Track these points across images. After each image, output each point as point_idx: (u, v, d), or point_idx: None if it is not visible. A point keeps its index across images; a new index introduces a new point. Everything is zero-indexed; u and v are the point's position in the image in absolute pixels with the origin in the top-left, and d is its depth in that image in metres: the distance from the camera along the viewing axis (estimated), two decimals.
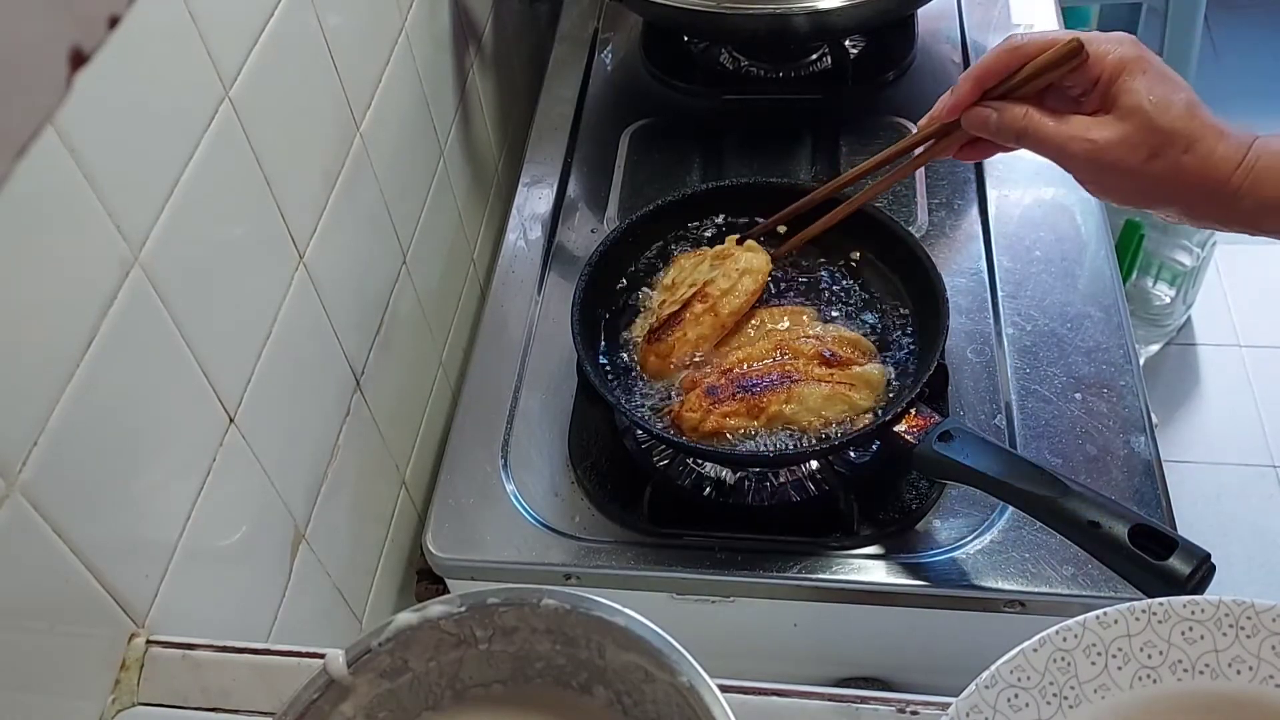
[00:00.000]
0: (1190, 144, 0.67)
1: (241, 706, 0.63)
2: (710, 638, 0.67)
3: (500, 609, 0.54)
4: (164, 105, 0.65)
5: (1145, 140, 0.68)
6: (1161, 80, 0.69)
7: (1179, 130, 0.68)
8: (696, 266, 0.92)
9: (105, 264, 0.60)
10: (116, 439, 0.61)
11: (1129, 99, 0.69)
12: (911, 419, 0.79)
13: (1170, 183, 0.69)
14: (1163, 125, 0.68)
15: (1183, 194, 0.69)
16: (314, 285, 0.84)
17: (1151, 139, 0.68)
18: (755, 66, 1.24)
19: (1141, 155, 0.68)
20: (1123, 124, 0.69)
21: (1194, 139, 0.68)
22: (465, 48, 1.17)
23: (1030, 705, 0.52)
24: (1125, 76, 0.69)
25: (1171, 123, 0.68)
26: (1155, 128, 0.68)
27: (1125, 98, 0.69)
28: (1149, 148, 0.68)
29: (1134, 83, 0.69)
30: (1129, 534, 0.67)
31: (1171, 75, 0.70)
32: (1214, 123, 0.69)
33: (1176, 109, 0.68)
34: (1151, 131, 0.68)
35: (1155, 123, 0.68)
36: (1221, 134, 0.68)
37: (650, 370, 0.88)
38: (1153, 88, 0.69)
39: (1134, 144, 0.68)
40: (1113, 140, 0.69)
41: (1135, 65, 0.69)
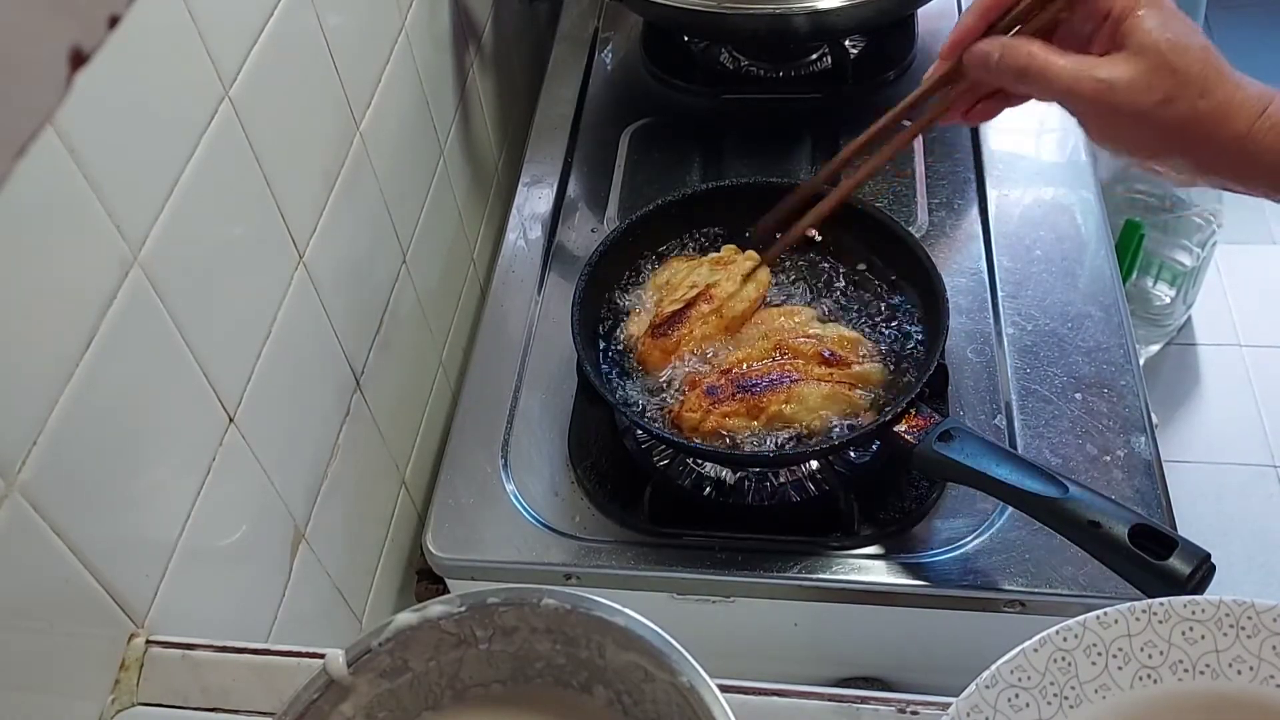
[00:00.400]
0: (1206, 89, 0.63)
1: (241, 706, 0.63)
2: (710, 638, 0.67)
3: (500, 609, 0.54)
4: (164, 105, 0.65)
5: (1159, 81, 0.63)
6: (1177, 20, 0.64)
7: (1195, 73, 0.63)
8: (694, 269, 0.92)
9: (105, 264, 0.60)
10: (116, 439, 0.61)
11: (1143, 36, 0.64)
12: (911, 419, 0.79)
13: (1184, 130, 0.64)
14: (1179, 66, 0.63)
15: (1197, 144, 0.64)
16: (314, 285, 0.84)
17: (1166, 80, 0.63)
18: (755, 66, 1.24)
19: (1155, 97, 0.63)
20: (1136, 62, 0.64)
21: (1211, 84, 0.63)
22: (465, 48, 1.17)
23: (1031, 705, 0.52)
24: (1138, 12, 0.64)
25: (1188, 64, 0.63)
26: (1171, 68, 0.63)
27: (1139, 35, 0.64)
28: (1163, 90, 0.63)
29: (1148, 20, 0.64)
30: (1129, 534, 0.67)
31: (1186, 18, 0.65)
32: (1231, 71, 0.64)
33: (1194, 51, 0.63)
34: (1167, 72, 0.63)
35: (1171, 63, 0.63)
36: (1239, 83, 0.63)
37: (650, 364, 0.88)
38: (1168, 25, 0.64)
39: (1147, 85, 0.63)
40: (1125, 79, 0.64)
41: (1149, 1, 0.65)
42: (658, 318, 0.89)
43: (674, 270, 0.93)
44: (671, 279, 0.92)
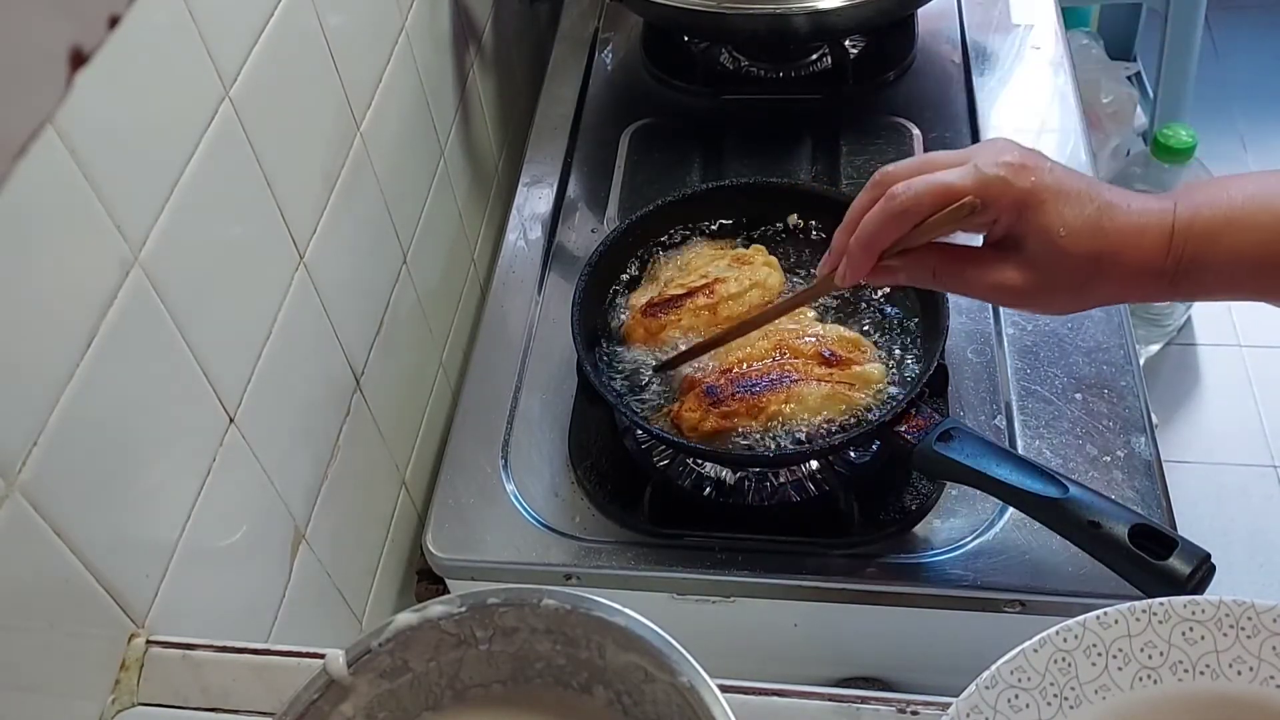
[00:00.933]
0: (1116, 256, 0.64)
1: (241, 706, 0.63)
2: (710, 638, 0.67)
3: (500, 609, 0.54)
4: (164, 105, 0.65)
5: (1067, 272, 0.65)
6: (1064, 201, 0.64)
7: (1100, 250, 0.64)
8: (713, 260, 0.92)
9: (105, 264, 0.60)
10: (116, 439, 0.61)
11: (1039, 238, 0.64)
12: (911, 419, 0.79)
13: (1107, 295, 0.67)
14: (1081, 253, 0.64)
15: (1123, 296, 0.68)
16: (314, 285, 0.84)
17: (1073, 270, 0.64)
18: (755, 66, 1.24)
19: (1067, 285, 0.65)
20: (1038, 263, 0.65)
21: (1119, 250, 0.64)
22: (465, 48, 1.17)
23: (1031, 706, 0.52)
24: (1027, 213, 0.64)
25: (1089, 247, 0.63)
26: (1074, 258, 0.64)
27: (1035, 237, 0.64)
28: (1072, 278, 0.65)
29: (1039, 218, 0.64)
30: (1129, 534, 0.67)
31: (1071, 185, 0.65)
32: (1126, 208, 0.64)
33: (1087, 229, 0.63)
34: (1071, 263, 0.64)
35: (1072, 254, 0.64)
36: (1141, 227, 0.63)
37: (634, 338, 0.89)
38: (1060, 217, 0.63)
39: (1055, 279, 0.65)
40: (1033, 281, 0.65)
41: (1033, 197, 0.64)
42: (658, 296, 0.89)
43: (698, 254, 0.93)
44: (692, 262, 0.93)
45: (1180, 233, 0.63)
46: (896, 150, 1.11)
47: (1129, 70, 2.08)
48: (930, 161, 0.68)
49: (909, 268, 0.69)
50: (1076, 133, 1.12)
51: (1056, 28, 1.23)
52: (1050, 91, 1.17)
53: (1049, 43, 1.21)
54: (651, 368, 0.87)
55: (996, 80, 1.18)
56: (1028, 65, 1.20)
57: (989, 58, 1.21)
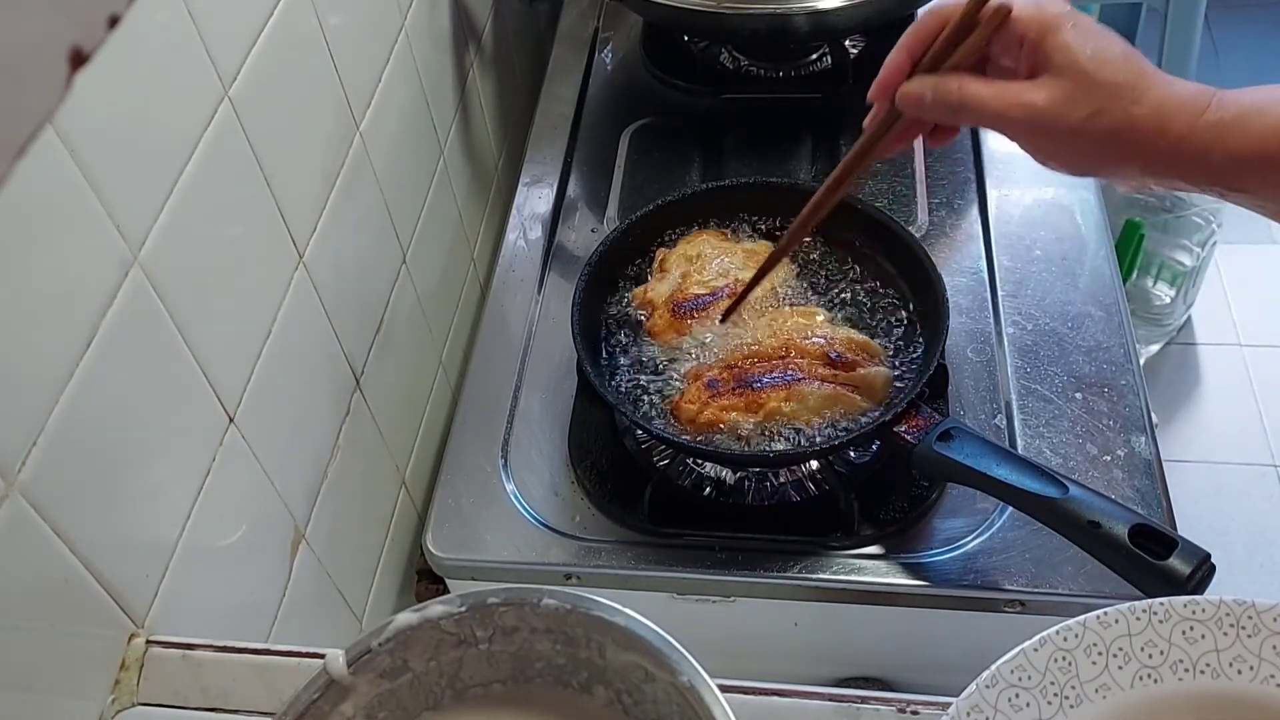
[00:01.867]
0: (1138, 94, 0.62)
1: (241, 706, 0.63)
2: (710, 638, 0.67)
3: (500, 609, 0.54)
4: (164, 105, 0.65)
5: (1085, 96, 0.63)
6: (1094, 34, 0.64)
7: (1122, 82, 0.62)
8: (727, 254, 0.92)
9: (105, 264, 0.60)
10: (116, 439, 0.61)
11: (1061, 55, 0.64)
12: (911, 419, 0.79)
13: (1122, 140, 0.63)
14: (1102, 78, 0.63)
15: (1139, 151, 0.64)
16: (314, 285, 0.84)
17: (1093, 94, 0.63)
18: (755, 66, 1.24)
19: (1083, 111, 0.63)
20: (1059, 81, 0.64)
21: (1141, 89, 0.62)
22: (465, 48, 1.17)
23: (1031, 705, 0.52)
24: (1053, 33, 0.64)
25: (1113, 75, 0.63)
26: (1094, 81, 0.63)
27: (1057, 55, 0.64)
28: (1090, 103, 0.63)
29: (1064, 37, 0.64)
30: (1129, 534, 0.67)
31: (1104, 29, 0.65)
32: (1161, 74, 0.63)
33: (1116, 61, 0.63)
34: (1092, 85, 0.63)
35: (1094, 76, 0.63)
36: (1172, 86, 0.63)
37: (658, 335, 0.89)
38: (1086, 41, 0.63)
39: (1073, 101, 0.63)
40: (1052, 100, 0.63)
41: (1061, 21, 0.64)
42: (681, 295, 0.89)
43: (706, 245, 0.93)
44: (701, 254, 0.93)
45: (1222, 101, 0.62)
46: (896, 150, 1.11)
47: None
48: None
49: (935, 87, 0.67)
50: None
51: None
52: None
53: None
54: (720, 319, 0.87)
55: None
56: None
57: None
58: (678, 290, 0.90)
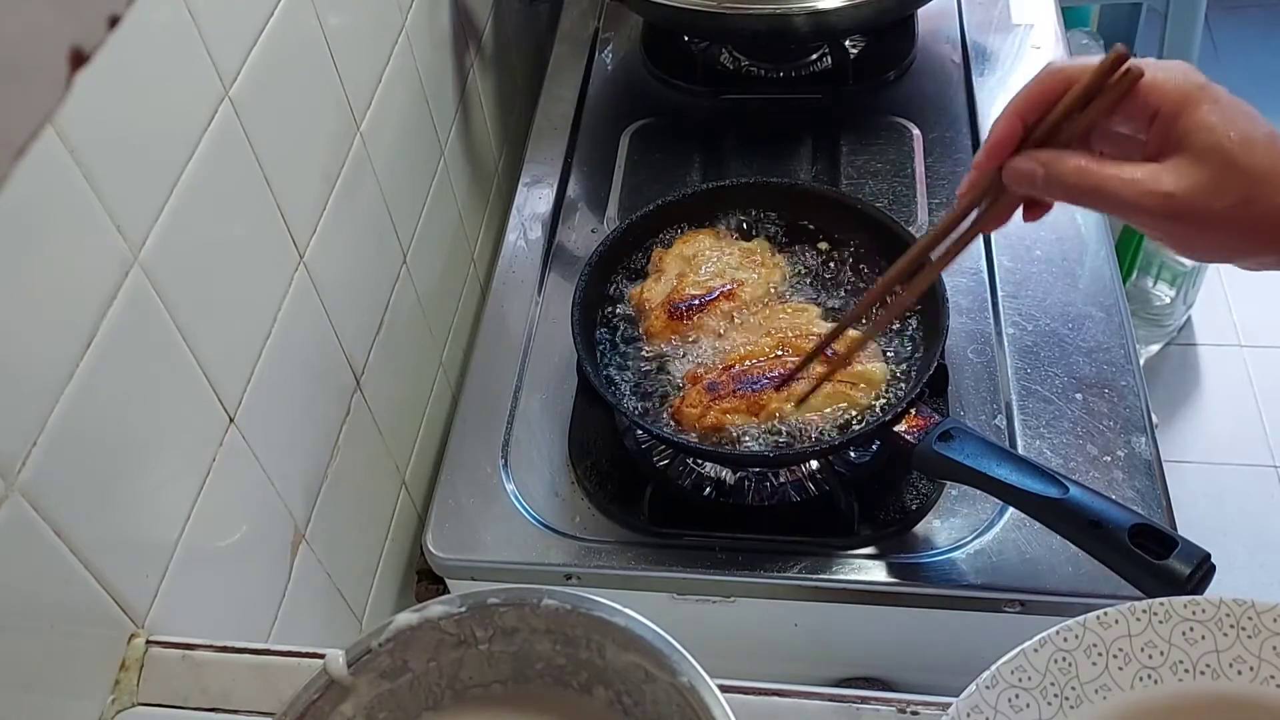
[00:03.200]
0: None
1: (241, 706, 0.63)
2: (710, 638, 0.67)
3: (500, 609, 0.54)
4: (164, 105, 0.65)
5: (1231, 185, 0.56)
6: (1237, 112, 0.58)
7: (1270, 168, 0.56)
8: (723, 254, 0.92)
9: (105, 264, 0.60)
10: (116, 439, 0.61)
11: (1204, 136, 0.57)
12: (911, 419, 0.79)
13: (1269, 230, 0.57)
14: (1250, 164, 0.56)
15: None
16: (314, 285, 0.84)
17: (1239, 182, 0.56)
18: (755, 66, 1.24)
19: (1229, 201, 0.57)
20: (1200, 167, 0.57)
21: None
22: (465, 48, 1.17)
23: (1031, 705, 0.52)
24: (1191, 109, 0.57)
25: (1261, 160, 0.56)
26: (1241, 169, 0.56)
27: (1198, 135, 0.57)
28: (1237, 193, 0.56)
29: (1206, 116, 0.57)
30: (1129, 534, 0.67)
31: (1245, 104, 0.58)
32: None
33: (1261, 144, 0.57)
34: (1238, 174, 0.56)
35: (1240, 163, 0.56)
36: None
37: (654, 335, 0.89)
38: (1231, 121, 0.57)
39: (1218, 190, 0.57)
40: (1193, 189, 0.57)
41: (1201, 95, 0.58)
42: (677, 295, 0.89)
43: (702, 245, 0.93)
44: (698, 255, 0.93)
45: None
46: (896, 150, 1.11)
47: None
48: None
49: (1050, 165, 0.60)
50: None
51: (1056, 28, 1.23)
52: None
53: (1049, 43, 1.21)
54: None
55: (996, 80, 1.18)
56: (1028, 65, 1.20)
57: (989, 57, 1.21)
58: (673, 291, 0.90)
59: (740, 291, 0.89)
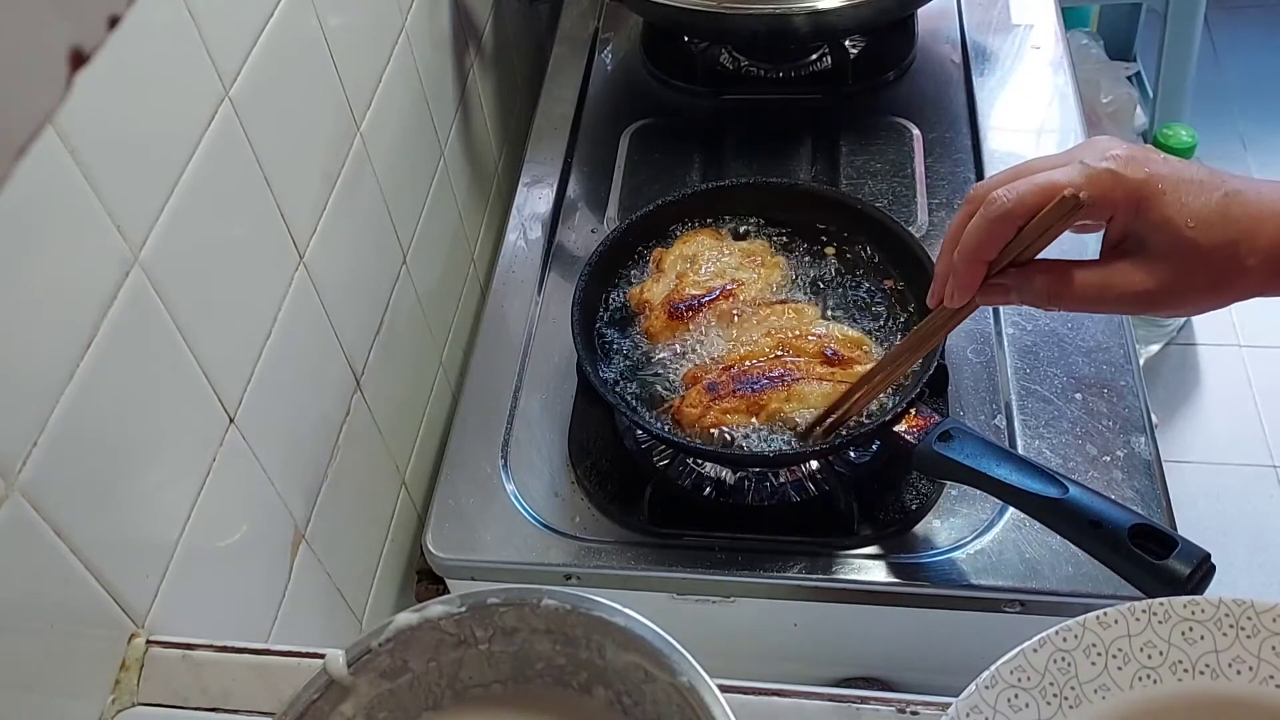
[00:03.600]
0: (1249, 247, 0.58)
1: (241, 706, 0.63)
2: (710, 638, 0.67)
3: (500, 609, 0.54)
4: (164, 105, 0.65)
5: (1200, 267, 0.59)
6: (1185, 190, 0.59)
7: (1229, 240, 0.58)
8: (722, 254, 0.92)
9: (105, 264, 0.60)
10: (116, 439, 0.61)
11: (1164, 233, 0.59)
12: (911, 419, 0.79)
13: (1242, 288, 0.61)
14: (1215, 244, 0.58)
15: (1263, 289, 0.61)
16: (314, 285, 0.84)
17: (1207, 263, 0.59)
18: (755, 66, 1.24)
19: (1203, 281, 0.59)
20: (1168, 261, 0.59)
21: (1249, 240, 0.58)
22: (465, 48, 1.17)
23: (1030, 705, 0.52)
24: (1144, 209, 0.59)
25: (1220, 237, 0.58)
26: (1206, 251, 0.58)
27: (1159, 232, 0.59)
28: (1208, 273, 0.59)
29: (1161, 210, 0.58)
30: (1129, 534, 0.67)
31: (1190, 174, 0.59)
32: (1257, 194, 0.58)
33: (1217, 218, 0.58)
34: (1202, 256, 0.58)
35: (1204, 246, 0.58)
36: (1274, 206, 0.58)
37: (654, 335, 0.89)
38: (1184, 206, 0.58)
39: (1189, 276, 0.59)
40: (1164, 282, 0.59)
41: (1149, 188, 0.59)
42: (677, 295, 0.89)
43: (701, 245, 0.93)
44: (697, 254, 0.93)
45: None
46: (896, 150, 1.11)
47: (1129, 70, 2.08)
48: (1028, 166, 0.63)
49: (1020, 287, 0.63)
50: (1076, 133, 1.12)
51: (1056, 28, 1.23)
52: (1050, 91, 1.17)
53: (1049, 43, 1.21)
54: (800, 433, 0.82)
55: (996, 80, 1.18)
56: (1028, 65, 1.20)
57: (989, 58, 1.21)
58: (673, 291, 0.90)
59: (740, 291, 0.90)
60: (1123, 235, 0.61)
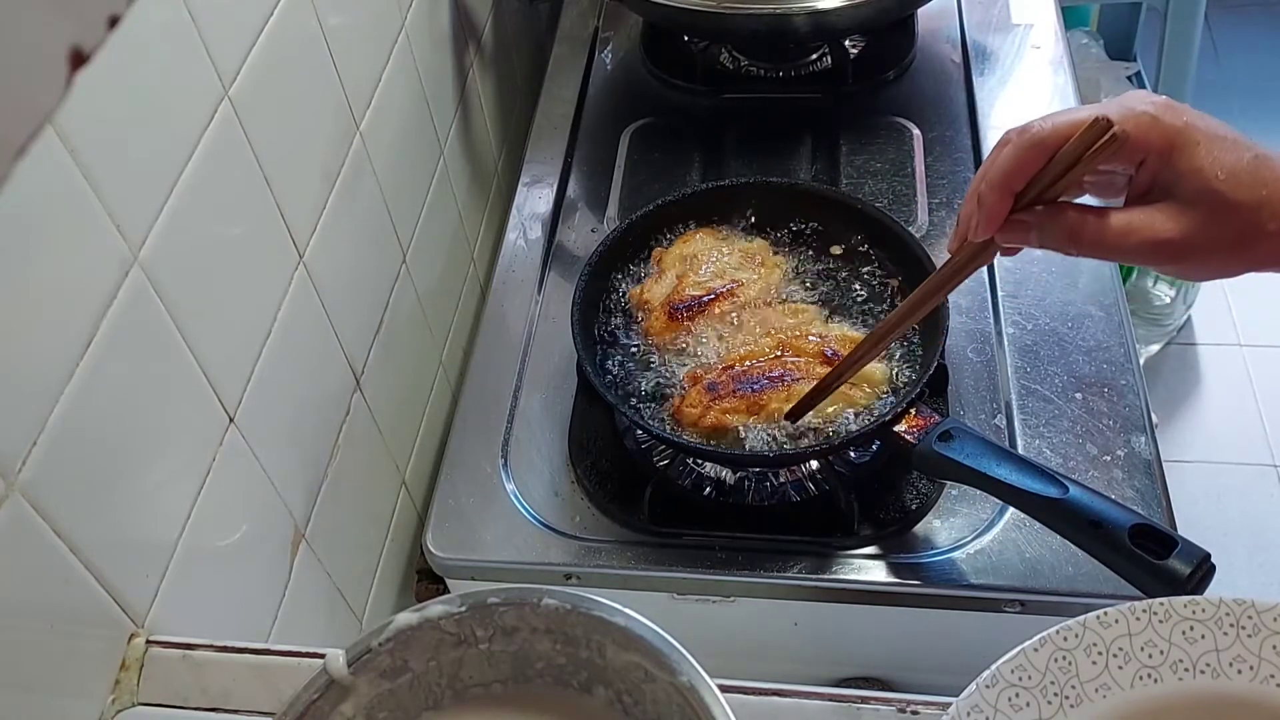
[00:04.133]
0: (1275, 207, 0.58)
1: (241, 706, 0.63)
2: (710, 638, 0.67)
3: (500, 609, 0.54)
4: (164, 105, 0.65)
5: (1227, 222, 0.58)
6: (1220, 147, 0.59)
7: (1257, 200, 0.58)
8: (722, 254, 0.92)
9: (105, 264, 0.60)
10: (116, 439, 0.61)
11: (1194, 181, 0.58)
12: (911, 419, 0.79)
13: (1263, 253, 0.60)
14: (1243, 200, 0.58)
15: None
16: (314, 285, 0.84)
17: (1234, 219, 0.58)
18: (755, 66, 1.24)
19: (1227, 237, 0.59)
20: (1194, 210, 0.59)
21: (1277, 199, 0.58)
22: (465, 48, 1.17)
23: (1031, 705, 0.52)
24: (1177, 155, 0.59)
25: (1248, 194, 0.58)
26: (1234, 206, 0.58)
27: (1188, 181, 0.59)
28: (1233, 228, 0.58)
29: (1192, 160, 0.58)
30: (1129, 534, 0.67)
31: (1223, 132, 0.60)
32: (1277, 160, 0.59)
33: (1245, 175, 0.58)
34: (1231, 211, 0.58)
35: (1232, 200, 0.58)
36: None
37: (655, 334, 0.89)
38: (1216, 160, 0.58)
39: (1215, 229, 0.59)
40: (1190, 231, 0.59)
41: (1183, 138, 0.59)
42: (677, 295, 0.89)
43: (701, 244, 0.93)
44: (697, 254, 0.93)
45: None
46: (896, 150, 1.11)
47: (1129, 70, 2.08)
48: (1064, 110, 0.62)
49: (1043, 225, 0.61)
50: None
51: (1056, 27, 1.23)
52: (1050, 91, 1.17)
53: (1049, 42, 1.22)
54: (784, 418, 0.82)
55: (996, 80, 1.18)
56: (1028, 65, 1.20)
57: (989, 57, 1.21)
58: (673, 291, 0.90)
59: (740, 291, 0.90)
60: (1150, 184, 0.61)
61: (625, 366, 0.89)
